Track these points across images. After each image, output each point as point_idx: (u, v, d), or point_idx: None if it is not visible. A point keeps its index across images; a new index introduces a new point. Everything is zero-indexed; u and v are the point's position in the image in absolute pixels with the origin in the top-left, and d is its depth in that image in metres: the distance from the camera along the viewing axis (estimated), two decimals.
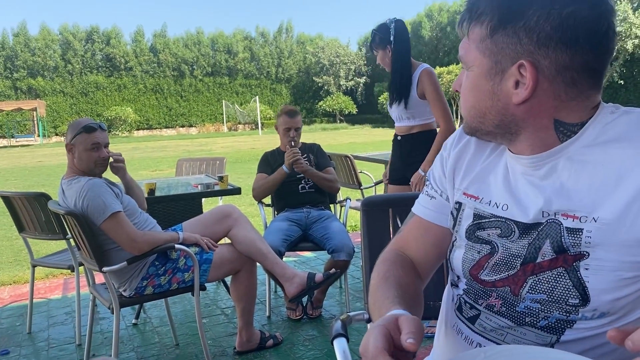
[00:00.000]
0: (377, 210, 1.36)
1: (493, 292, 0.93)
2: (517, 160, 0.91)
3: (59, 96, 37.48)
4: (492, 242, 0.93)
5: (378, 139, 22.66)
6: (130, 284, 2.45)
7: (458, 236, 0.99)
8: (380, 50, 3.16)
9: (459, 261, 0.98)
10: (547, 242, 0.86)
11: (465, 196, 0.98)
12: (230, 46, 43.63)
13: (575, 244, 0.83)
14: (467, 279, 0.97)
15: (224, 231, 2.68)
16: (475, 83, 0.89)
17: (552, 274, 0.85)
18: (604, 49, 0.82)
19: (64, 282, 4.25)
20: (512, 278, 0.90)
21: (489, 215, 0.93)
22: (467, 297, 0.98)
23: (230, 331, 3.10)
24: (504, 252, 0.91)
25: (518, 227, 0.89)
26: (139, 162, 16.03)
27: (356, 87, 44.46)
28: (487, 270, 0.93)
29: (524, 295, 0.89)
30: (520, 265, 0.89)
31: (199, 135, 35.66)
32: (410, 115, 3.16)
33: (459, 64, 12.16)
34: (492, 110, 0.88)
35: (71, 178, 2.42)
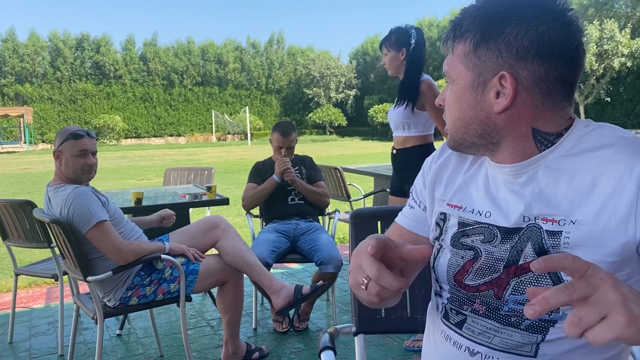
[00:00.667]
0: (366, 222, 1.36)
1: (477, 297, 0.97)
2: (498, 170, 0.97)
3: (46, 103, 37.23)
4: (475, 247, 0.98)
5: (367, 151, 22.73)
6: (115, 294, 2.41)
7: (444, 244, 1.04)
8: (392, 51, 3.08)
9: (444, 267, 1.02)
10: (528, 245, 0.91)
11: (450, 207, 1.03)
12: (220, 56, 43.68)
13: (555, 245, 0.88)
14: (451, 286, 1.02)
15: (211, 242, 2.65)
16: (459, 95, 0.95)
17: (534, 275, 0.91)
18: (575, 63, 0.90)
19: (47, 291, 4.19)
20: (495, 281, 0.94)
21: (473, 222, 0.98)
22: (452, 305, 1.02)
23: (216, 343, 3.06)
24: (488, 256, 0.96)
25: (500, 231, 0.94)
26: (126, 170, 15.93)
27: (346, 100, 44.65)
28: (472, 275, 0.98)
29: (507, 298, 0.93)
30: (504, 268, 0.93)
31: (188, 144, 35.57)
32: (407, 125, 3.13)
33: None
34: (475, 119, 0.93)
35: (57, 185, 2.39)
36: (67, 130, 2.44)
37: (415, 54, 3.05)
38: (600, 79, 28.03)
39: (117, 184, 11.92)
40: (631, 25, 27.60)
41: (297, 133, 3.52)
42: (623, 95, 29.02)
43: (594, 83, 27.99)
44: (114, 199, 3.42)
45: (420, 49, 3.06)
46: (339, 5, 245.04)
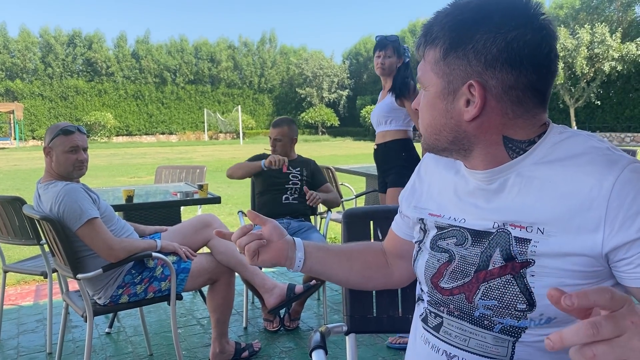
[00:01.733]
0: (358, 222, 1.36)
1: (451, 301, 0.99)
2: (472, 175, 0.98)
3: (37, 99, 36.94)
4: (449, 250, 1.00)
5: (359, 151, 22.75)
6: (105, 292, 2.40)
7: (423, 247, 1.06)
8: (395, 57, 3.26)
9: (422, 269, 1.05)
10: (497, 251, 0.92)
11: (430, 215, 1.05)
12: (213, 54, 43.54)
13: (522, 252, 0.89)
14: (429, 288, 1.04)
15: (203, 241, 2.65)
16: (431, 102, 0.94)
17: (502, 281, 0.91)
18: (546, 70, 0.88)
19: (36, 288, 4.16)
20: (466, 285, 0.96)
21: (447, 226, 1.01)
22: (430, 307, 1.04)
23: (206, 342, 3.05)
24: (460, 260, 0.97)
25: (470, 234, 0.96)
26: (117, 168, 15.85)
27: (339, 100, 44.68)
28: (446, 278, 0.99)
29: (477, 302, 0.94)
30: (474, 273, 0.95)
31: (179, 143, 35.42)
32: (388, 120, 3.25)
33: None
34: (446, 127, 0.93)
35: (48, 182, 2.37)
36: (58, 126, 2.43)
37: (406, 67, 3.23)
38: (590, 82, 28.23)
39: (108, 181, 11.86)
40: (622, 29, 27.81)
41: (293, 130, 3.55)
42: (613, 98, 29.23)
43: (585, 86, 28.18)
44: (104, 196, 3.40)
45: (409, 65, 3.23)
46: (332, 6, 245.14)
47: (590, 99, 28.54)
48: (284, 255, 1.09)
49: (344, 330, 1.32)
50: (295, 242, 1.12)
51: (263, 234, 1.08)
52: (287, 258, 1.10)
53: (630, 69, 27.26)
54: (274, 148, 3.49)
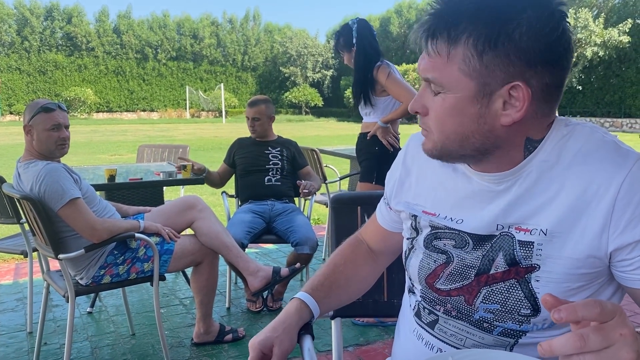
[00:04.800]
0: (345, 208, 1.36)
1: (448, 301, 0.96)
2: (479, 176, 0.91)
3: (14, 73, 36.15)
4: (447, 252, 0.95)
5: (343, 132, 22.75)
6: (87, 272, 2.38)
7: (416, 245, 1.01)
8: (345, 53, 3.17)
9: (415, 268, 1.00)
10: (500, 255, 0.89)
11: (424, 213, 0.99)
12: (196, 31, 42.95)
13: (527, 256, 0.86)
14: (423, 287, 1.00)
15: (187, 222, 2.63)
16: (457, 107, 0.83)
17: (505, 285, 0.89)
18: (569, 66, 0.84)
19: (16, 267, 4.11)
20: (466, 288, 0.93)
21: (443, 227, 0.95)
22: (424, 303, 1.01)
23: (189, 322, 3.06)
24: (459, 262, 0.93)
25: (472, 238, 0.91)
26: (97, 145, 15.65)
27: (323, 80, 44.49)
28: (443, 279, 0.96)
29: (478, 305, 0.91)
30: (475, 276, 0.91)
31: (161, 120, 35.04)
32: (368, 113, 3.20)
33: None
34: (476, 133, 0.84)
35: (28, 161, 2.33)
36: (37, 103, 2.37)
37: (359, 49, 3.09)
38: (572, 67, 28.43)
39: (88, 158, 11.71)
40: (604, 15, 28.02)
41: (270, 109, 3.51)
42: (594, 84, 29.58)
43: None
44: (85, 175, 3.35)
45: (364, 41, 3.09)
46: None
47: (571, 83, 28.83)
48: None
49: (329, 314, 1.33)
50: (306, 306, 1.11)
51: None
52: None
53: (612, 55, 27.56)
54: (252, 128, 3.44)
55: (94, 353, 2.69)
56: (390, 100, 3.08)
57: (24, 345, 2.77)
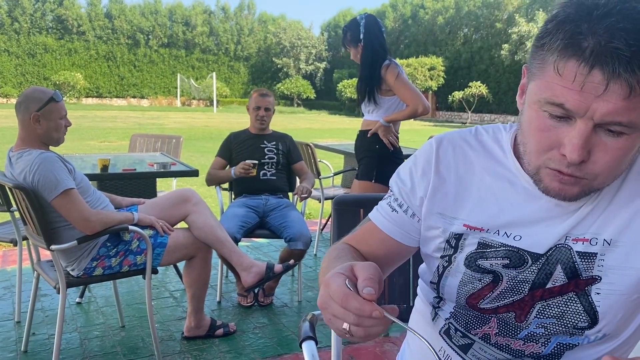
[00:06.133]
0: (348, 209, 1.35)
1: (493, 318, 0.91)
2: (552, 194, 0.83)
3: (3, 55, 35.67)
4: (496, 271, 0.88)
5: (335, 126, 22.73)
6: (79, 263, 2.35)
7: (454, 263, 0.92)
8: (352, 48, 3.16)
9: (453, 289, 0.92)
10: (558, 268, 0.85)
11: (467, 228, 0.89)
12: (188, 18, 42.64)
13: (588, 268, 0.83)
14: (460, 307, 0.94)
15: (181, 215, 2.60)
16: (635, 144, 0.75)
17: (563, 299, 0.85)
18: None
19: (3, 254, 4.06)
20: (517, 303, 0.87)
21: (498, 244, 0.87)
22: (457, 324, 0.95)
23: (179, 315, 3.04)
24: (510, 280, 0.87)
25: (532, 257, 0.86)
26: (87, 131, 15.49)
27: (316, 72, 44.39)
28: (490, 299, 0.89)
29: (531, 321, 0.87)
30: (529, 291, 0.86)
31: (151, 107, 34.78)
32: (371, 110, 3.17)
33: (419, 57, 11.96)
34: (624, 165, 0.78)
35: (22, 150, 2.29)
36: (44, 92, 2.34)
37: (367, 45, 3.07)
38: None
39: (77, 145, 11.59)
40: None
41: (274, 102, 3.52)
42: None
43: None
44: (74, 162, 3.31)
45: (372, 37, 3.08)
46: None
47: None
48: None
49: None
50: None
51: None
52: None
53: None
54: (262, 119, 3.41)
55: (82, 344, 2.67)
56: (395, 99, 3.07)
57: (12, 335, 2.73)
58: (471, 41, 38.05)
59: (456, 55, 37.84)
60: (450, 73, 36.53)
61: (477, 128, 0.96)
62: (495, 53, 34.71)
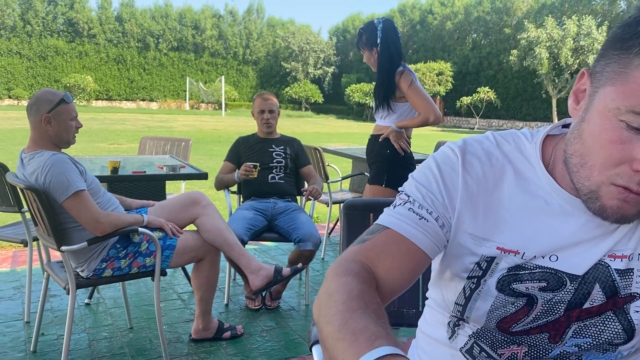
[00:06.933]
0: (358, 214, 1.35)
1: (524, 339, 0.86)
2: (589, 214, 0.79)
3: (15, 57, 35.99)
4: (530, 294, 0.83)
5: (342, 130, 22.74)
6: (89, 265, 2.37)
7: (484, 287, 0.85)
8: (366, 51, 3.15)
9: (482, 313, 0.86)
10: (596, 287, 0.81)
11: (501, 251, 0.83)
12: (198, 22, 42.86)
13: (627, 285, 0.80)
14: (489, 329, 0.88)
15: (190, 218, 2.62)
16: None
17: (600, 319, 0.82)
18: None
19: (13, 254, 4.09)
20: (552, 324, 0.84)
21: (533, 266, 0.82)
22: (482, 343, 0.90)
23: (187, 317, 3.05)
24: (545, 303, 0.83)
25: (570, 278, 0.81)
26: (96, 133, 15.58)
27: (324, 76, 44.45)
28: (523, 323, 0.85)
29: (566, 341, 0.84)
30: (565, 311, 0.83)
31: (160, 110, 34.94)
32: (383, 116, 3.17)
33: (427, 62, 12.01)
34: None
35: (34, 152, 2.31)
36: (54, 94, 2.37)
37: (384, 50, 3.07)
38: (574, 73, 28.51)
39: (86, 147, 11.66)
40: (608, 23, 28.06)
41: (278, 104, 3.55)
42: None
43: (568, 78, 28.47)
44: (86, 165, 3.34)
45: (389, 42, 3.07)
46: None
47: None
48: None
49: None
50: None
51: None
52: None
53: None
54: (268, 122, 3.43)
55: (91, 345, 2.68)
56: (408, 106, 3.08)
57: (21, 335, 2.75)
58: (480, 46, 37.96)
59: (464, 60, 37.78)
60: (459, 78, 36.46)
61: (495, 136, 0.88)
62: (503, 59, 34.62)
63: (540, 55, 27.52)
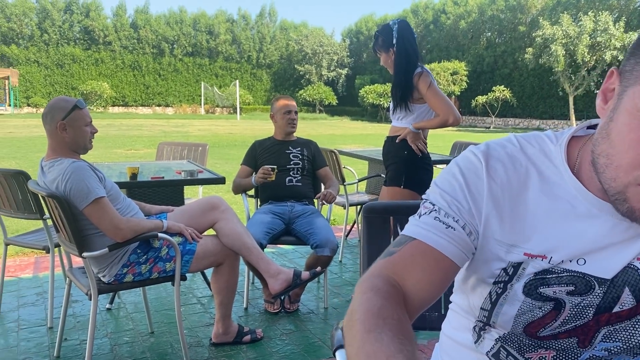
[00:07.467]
0: (378, 217, 1.35)
1: (552, 344, 0.85)
2: (617, 217, 0.78)
3: (33, 66, 36.57)
4: (558, 299, 0.82)
5: (357, 132, 22.70)
6: (110, 270, 2.39)
7: (511, 291, 0.84)
8: (383, 53, 3.13)
9: (509, 317, 0.85)
10: (625, 290, 0.79)
11: (528, 257, 0.82)
12: (212, 27, 43.18)
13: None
14: (516, 333, 0.88)
15: (209, 223, 2.63)
16: None
17: (631, 323, 0.81)
18: None
19: (35, 260, 4.15)
20: (580, 329, 0.83)
21: (560, 270, 0.81)
22: (509, 347, 0.89)
23: (206, 321, 3.07)
24: (574, 307, 0.82)
25: (598, 282, 0.80)
26: (113, 139, 15.75)
27: (337, 78, 44.47)
28: (551, 328, 0.84)
29: (596, 345, 0.84)
30: (593, 316, 0.81)
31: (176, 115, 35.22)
32: (400, 117, 3.15)
33: (441, 62, 12.20)
34: None
35: (53, 160, 2.34)
36: (68, 101, 2.40)
37: (401, 50, 3.05)
38: (591, 70, 28.17)
39: (104, 153, 11.79)
40: (625, 18, 27.68)
41: None
42: None
43: (585, 75, 28.14)
44: (106, 172, 3.37)
45: (405, 43, 3.06)
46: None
47: (589, 87, 28.52)
48: None
49: None
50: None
51: None
52: None
53: None
54: (292, 121, 3.47)
55: (113, 350, 2.71)
56: (426, 107, 3.06)
57: (45, 340, 2.79)
58: (494, 45, 37.70)
59: (479, 59, 37.53)
60: (473, 77, 36.24)
61: (519, 139, 0.87)
62: (519, 57, 34.34)
63: (556, 52, 27.22)
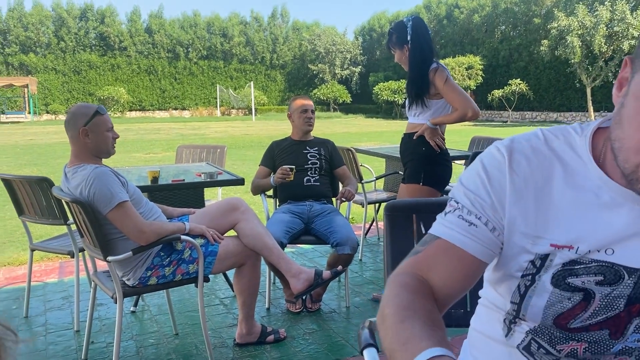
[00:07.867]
0: (401, 215, 1.35)
1: (584, 336, 0.85)
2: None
3: (50, 73, 37.09)
4: (587, 289, 0.82)
5: (372, 129, 22.65)
6: (134, 273, 2.42)
7: (539, 282, 0.85)
8: (397, 50, 3.12)
9: (539, 309, 0.86)
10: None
11: (555, 247, 0.83)
12: (225, 30, 43.39)
13: None
14: (546, 325, 0.88)
15: (230, 224, 2.65)
16: None
17: None
18: None
19: (60, 265, 4.22)
20: (612, 320, 0.83)
21: (588, 260, 0.81)
22: (539, 339, 0.89)
23: (230, 322, 3.09)
24: (604, 298, 0.82)
25: (627, 271, 0.80)
26: (132, 144, 15.90)
27: (351, 76, 44.39)
28: (581, 319, 0.84)
29: (628, 336, 0.83)
30: (625, 307, 0.81)
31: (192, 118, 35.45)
32: (416, 113, 3.13)
33: (455, 56, 12.14)
34: None
35: (76, 166, 2.38)
36: (88, 107, 2.44)
37: (415, 47, 3.04)
38: (608, 61, 27.71)
39: (123, 157, 11.91)
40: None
41: None
42: None
43: (602, 65, 27.70)
44: (127, 176, 3.41)
45: (420, 39, 3.04)
46: None
47: (607, 78, 28.07)
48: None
49: None
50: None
51: None
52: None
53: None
54: (310, 120, 3.49)
55: (139, 352, 2.74)
56: (442, 102, 3.04)
57: (72, 344, 2.83)
58: (509, 38, 37.31)
59: (494, 53, 37.17)
60: (489, 71, 35.90)
61: (544, 133, 0.88)
62: (534, 49, 33.93)
63: (572, 43, 26.83)
